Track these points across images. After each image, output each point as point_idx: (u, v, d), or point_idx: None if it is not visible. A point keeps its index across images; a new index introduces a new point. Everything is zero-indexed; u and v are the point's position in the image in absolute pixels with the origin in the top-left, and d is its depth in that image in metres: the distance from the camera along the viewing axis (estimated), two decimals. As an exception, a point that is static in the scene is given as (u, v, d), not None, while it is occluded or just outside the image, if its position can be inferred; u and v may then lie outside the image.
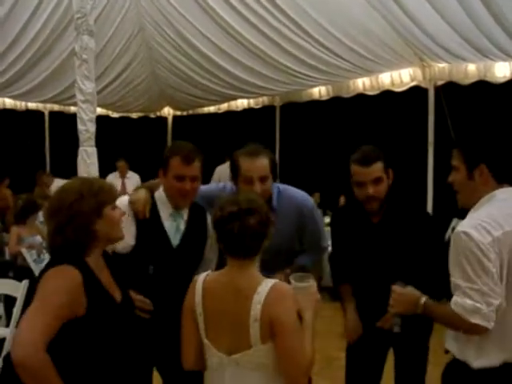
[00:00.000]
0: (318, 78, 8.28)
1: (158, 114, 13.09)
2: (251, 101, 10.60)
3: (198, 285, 2.23)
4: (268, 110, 10.35)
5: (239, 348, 2.12)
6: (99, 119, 5.26)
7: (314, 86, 8.91)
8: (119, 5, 8.03)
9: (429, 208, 6.99)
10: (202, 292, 2.21)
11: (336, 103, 8.85)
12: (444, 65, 6.89)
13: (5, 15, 7.18)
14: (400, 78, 7.54)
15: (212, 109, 11.71)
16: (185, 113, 12.72)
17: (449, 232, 6.13)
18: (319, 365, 2.16)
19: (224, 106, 11.32)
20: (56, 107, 10.87)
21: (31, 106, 10.55)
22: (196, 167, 2.87)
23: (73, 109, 9.33)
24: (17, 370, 1.94)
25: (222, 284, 2.19)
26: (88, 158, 4.95)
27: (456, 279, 2.23)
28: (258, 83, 8.89)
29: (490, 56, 6.11)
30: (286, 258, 3.11)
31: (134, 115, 12.60)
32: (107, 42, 8.36)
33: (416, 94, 7.47)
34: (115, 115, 12.14)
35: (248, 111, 10.74)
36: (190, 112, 12.49)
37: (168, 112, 13.10)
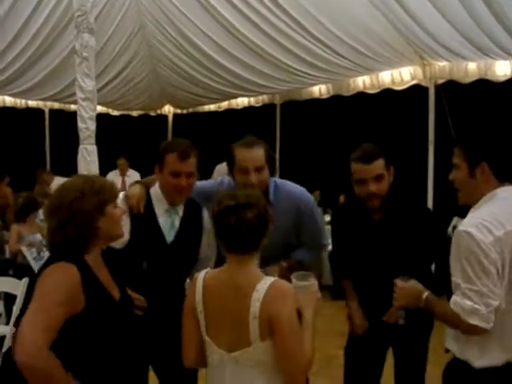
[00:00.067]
0: (318, 77, 8.28)
1: (158, 112, 13.09)
2: (251, 99, 10.61)
3: (199, 282, 2.23)
4: (268, 108, 10.34)
5: (239, 345, 2.12)
6: (99, 117, 5.26)
7: (315, 85, 8.91)
8: (120, 3, 8.02)
9: (429, 206, 6.98)
10: (202, 289, 2.20)
11: (336, 101, 8.84)
12: (444, 63, 6.89)
13: (5, 13, 7.19)
14: (400, 76, 7.54)
15: (212, 107, 11.71)
16: (185, 111, 12.72)
17: (449, 230, 6.12)
18: (318, 363, 2.15)
19: (224, 105, 11.32)
20: (56, 105, 10.88)
21: (31, 103, 10.55)
22: (192, 163, 2.86)
23: (73, 107, 9.34)
24: (21, 371, 1.94)
25: (221, 281, 2.19)
26: (88, 156, 4.95)
27: (456, 279, 2.24)
28: (259, 81, 8.89)
29: (490, 54, 6.11)
30: (282, 251, 3.09)
31: (135, 113, 12.60)
32: (108, 39, 8.36)
33: (416, 92, 7.47)
34: (115, 113, 12.14)
35: (248, 109, 10.73)
36: (191, 110, 12.49)
37: (168, 110, 13.10)
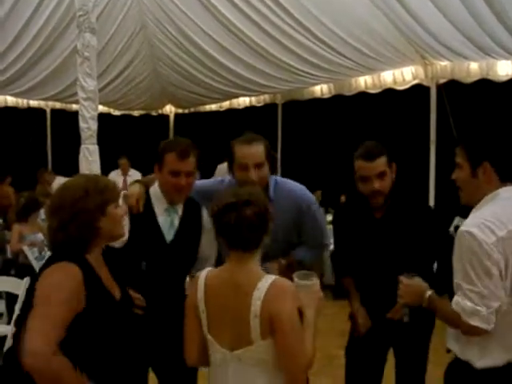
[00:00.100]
0: (319, 76, 8.28)
1: (159, 112, 13.10)
2: (253, 99, 10.61)
3: (200, 281, 2.22)
4: (270, 108, 10.34)
5: (241, 344, 2.12)
6: (101, 117, 5.26)
7: (316, 84, 8.91)
8: (121, 2, 8.03)
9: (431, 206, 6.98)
10: (203, 288, 2.20)
11: (338, 101, 8.84)
12: (446, 63, 6.88)
13: (7, 13, 7.19)
14: (402, 76, 7.54)
15: (214, 107, 11.71)
16: (186, 111, 12.73)
17: (451, 230, 6.12)
18: (320, 363, 2.15)
19: (226, 104, 11.32)
20: (58, 105, 10.88)
21: (33, 103, 10.56)
22: (191, 162, 2.86)
23: (74, 106, 9.35)
24: (33, 376, 1.94)
25: (222, 280, 2.19)
26: (90, 156, 4.95)
27: (458, 280, 2.24)
28: (260, 81, 8.90)
29: (492, 54, 6.10)
30: (283, 249, 3.08)
31: (136, 113, 12.61)
32: (109, 39, 8.37)
33: (418, 92, 7.46)
34: (117, 113, 12.14)
35: (250, 109, 10.73)
36: (192, 110, 12.50)
37: (170, 110, 13.10)
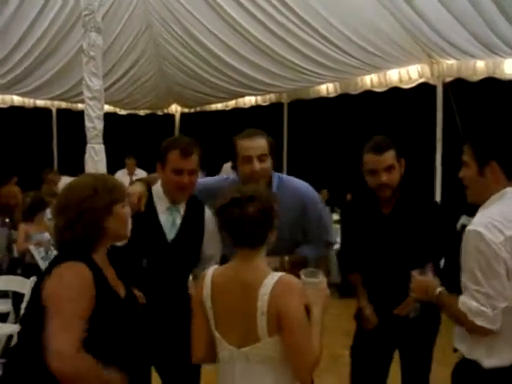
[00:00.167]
0: (325, 75, 8.27)
1: (165, 111, 13.10)
2: (259, 98, 10.60)
3: (207, 278, 2.22)
4: (276, 107, 10.33)
5: (248, 341, 2.12)
6: (107, 116, 5.27)
7: (322, 83, 8.90)
8: (127, 2, 8.05)
9: (437, 205, 6.96)
10: (210, 285, 2.20)
11: (344, 100, 8.82)
12: (452, 61, 6.85)
13: (12, 13, 7.22)
14: (408, 74, 7.51)
15: (219, 106, 11.71)
16: (192, 110, 12.73)
17: (458, 228, 6.10)
18: (325, 361, 2.14)
19: (231, 103, 11.31)
20: (64, 104, 10.90)
21: (39, 103, 10.58)
22: (194, 160, 2.85)
23: (80, 106, 9.35)
24: (60, 379, 1.96)
25: (229, 277, 2.19)
26: (96, 156, 4.97)
27: (465, 280, 2.23)
28: (266, 80, 8.89)
29: (498, 53, 6.08)
30: (287, 247, 3.07)
31: (142, 112, 12.62)
32: (115, 39, 8.38)
33: (424, 90, 7.44)
34: (123, 112, 12.15)
35: (255, 108, 10.72)
36: (198, 109, 12.49)
37: (175, 109, 13.11)
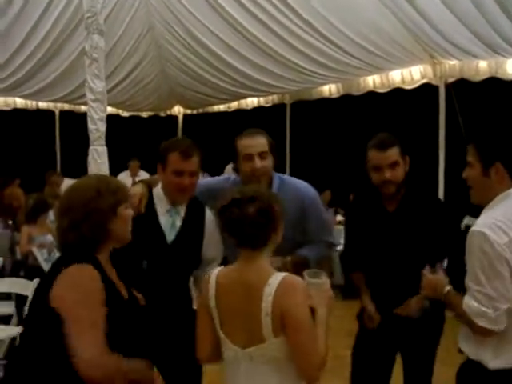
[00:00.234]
0: (328, 76, 8.26)
1: (168, 113, 13.10)
2: (261, 99, 10.59)
3: (212, 279, 2.23)
4: (278, 108, 10.32)
5: (253, 341, 2.12)
6: (109, 118, 5.28)
7: (324, 84, 8.89)
8: (129, 4, 8.05)
9: (440, 206, 6.94)
10: (215, 286, 2.21)
11: (346, 101, 8.82)
12: (455, 62, 6.85)
13: (15, 15, 7.23)
14: (410, 75, 7.51)
15: (222, 107, 11.71)
16: (195, 111, 12.72)
17: (462, 229, 6.08)
18: (329, 362, 2.13)
19: (234, 105, 11.31)
20: (66, 106, 10.91)
21: (42, 105, 10.61)
22: (194, 162, 2.87)
23: (83, 108, 9.30)
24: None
25: (233, 278, 2.19)
26: (98, 158, 4.97)
27: (467, 280, 2.24)
28: (268, 81, 8.88)
29: (501, 53, 6.07)
30: (289, 248, 3.04)
31: (144, 114, 12.62)
32: (117, 40, 8.39)
33: (426, 91, 7.43)
34: (125, 114, 12.17)
35: (258, 110, 10.71)
36: (200, 110, 12.49)
37: (178, 111, 13.10)
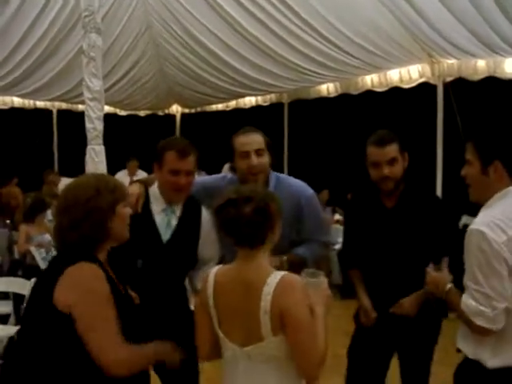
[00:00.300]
0: (326, 75, 8.25)
1: (166, 112, 13.09)
2: (259, 98, 10.59)
3: (210, 278, 2.23)
4: (276, 107, 10.32)
5: (252, 340, 2.11)
6: (107, 117, 5.27)
7: (322, 83, 8.89)
8: (126, 3, 8.05)
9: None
10: (213, 285, 2.21)
11: (344, 100, 8.82)
12: (453, 61, 6.84)
13: (12, 14, 7.22)
14: (409, 74, 7.50)
15: (220, 106, 11.71)
16: (193, 110, 12.72)
17: (460, 227, 6.09)
18: (328, 362, 2.13)
19: (232, 104, 11.31)
20: (64, 105, 10.91)
21: (39, 104, 10.59)
22: (191, 161, 2.88)
23: (81, 107, 9.36)
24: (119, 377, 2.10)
25: (231, 277, 2.19)
26: (96, 157, 4.96)
27: (466, 279, 2.23)
28: (266, 80, 8.88)
29: (499, 52, 6.06)
30: (286, 246, 3.05)
31: (142, 113, 12.61)
32: (115, 39, 8.38)
33: (425, 90, 7.43)
34: (123, 113, 12.15)
35: (256, 109, 10.71)
36: (199, 109, 12.49)
37: (176, 110, 13.10)
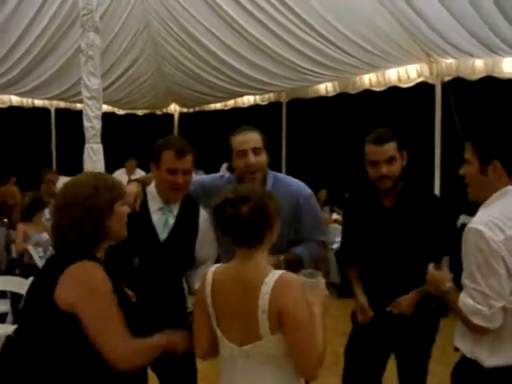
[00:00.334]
0: (324, 74, 8.25)
1: (164, 111, 13.07)
2: (257, 97, 10.58)
3: (208, 277, 2.24)
4: (274, 106, 10.31)
5: (250, 339, 2.12)
6: (105, 116, 5.26)
7: (321, 83, 8.88)
8: (125, 1, 8.03)
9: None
10: (211, 283, 2.21)
11: (342, 99, 8.82)
12: (451, 60, 6.85)
13: (10, 12, 7.20)
14: (407, 73, 7.50)
15: (218, 105, 11.70)
16: (191, 110, 12.70)
17: (458, 227, 6.10)
18: (326, 360, 2.13)
19: (230, 103, 11.29)
20: (62, 104, 10.89)
21: (38, 103, 10.57)
22: (188, 161, 2.89)
23: (79, 106, 9.33)
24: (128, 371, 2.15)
25: (230, 276, 2.19)
26: (94, 155, 4.96)
27: (463, 278, 2.24)
28: (265, 79, 8.87)
29: (497, 51, 6.07)
30: (283, 245, 3.03)
31: (140, 112, 12.59)
32: (113, 38, 8.36)
33: (423, 89, 7.43)
34: (121, 112, 12.12)
35: (254, 108, 10.70)
36: (197, 109, 12.47)
37: (174, 109, 13.08)
